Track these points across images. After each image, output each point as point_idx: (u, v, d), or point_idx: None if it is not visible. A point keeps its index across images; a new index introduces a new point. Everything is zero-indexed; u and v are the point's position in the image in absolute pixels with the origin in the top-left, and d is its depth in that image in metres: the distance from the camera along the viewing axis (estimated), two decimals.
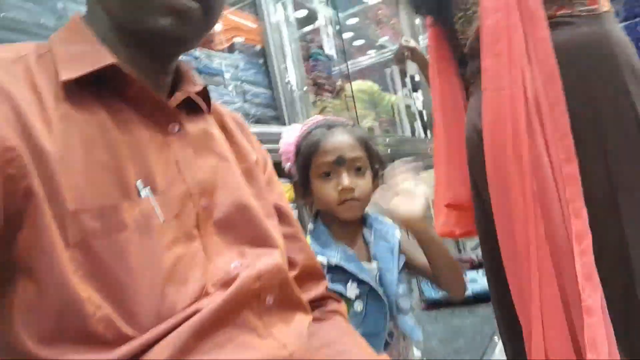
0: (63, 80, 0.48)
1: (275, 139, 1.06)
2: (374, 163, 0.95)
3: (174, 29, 0.53)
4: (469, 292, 1.80)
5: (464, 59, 1.10)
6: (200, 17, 0.55)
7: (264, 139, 1.25)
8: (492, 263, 0.99)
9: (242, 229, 0.59)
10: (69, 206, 0.44)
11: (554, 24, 0.89)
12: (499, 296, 1.00)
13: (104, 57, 0.51)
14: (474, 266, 2.38)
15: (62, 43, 0.53)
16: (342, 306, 0.75)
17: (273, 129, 1.33)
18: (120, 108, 0.52)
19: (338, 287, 0.87)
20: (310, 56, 1.79)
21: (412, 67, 3.01)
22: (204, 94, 0.65)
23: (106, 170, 0.48)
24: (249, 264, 0.56)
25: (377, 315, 0.87)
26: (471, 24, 1.04)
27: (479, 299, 1.93)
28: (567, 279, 0.78)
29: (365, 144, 0.94)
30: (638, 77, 0.87)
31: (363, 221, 0.97)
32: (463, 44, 1.09)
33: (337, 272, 0.88)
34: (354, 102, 2.08)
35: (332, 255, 0.88)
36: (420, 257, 0.93)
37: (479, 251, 2.42)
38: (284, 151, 1.00)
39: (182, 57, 0.64)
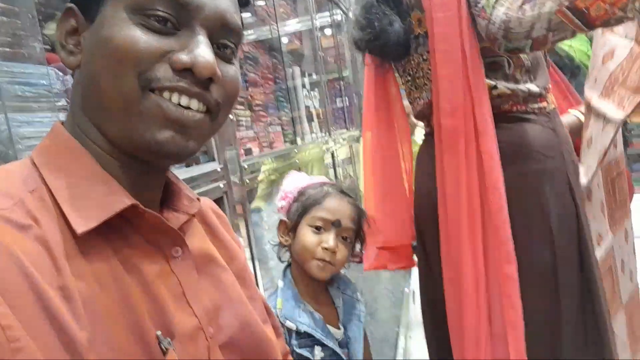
0: (80, 233, 0.46)
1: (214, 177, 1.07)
2: (357, 238, 1.04)
3: (176, 143, 0.50)
4: None
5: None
6: (207, 125, 0.53)
7: (205, 180, 1.24)
8: (431, 306, 1.15)
9: (246, 347, 0.62)
10: None
11: (510, 117, 1.02)
12: (435, 327, 1.16)
13: (119, 197, 0.49)
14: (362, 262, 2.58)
15: (58, 173, 0.49)
16: None
17: (207, 167, 1.31)
18: (126, 242, 0.51)
19: (305, 352, 0.95)
20: None
21: (310, 66, 3.07)
22: None
23: (130, 333, 0.47)
24: None
25: None
26: (419, 90, 1.13)
27: None
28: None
29: (360, 222, 1.02)
30: (576, 171, 1.06)
31: (330, 281, 1.04)
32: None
33: (305, 337, 0.97)
34: None
35: (301, 322, 0.96)
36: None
37: None
38: (286, 192, 1.05)
39: None
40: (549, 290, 1.01)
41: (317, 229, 0.97)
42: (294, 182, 1.06)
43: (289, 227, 1.01)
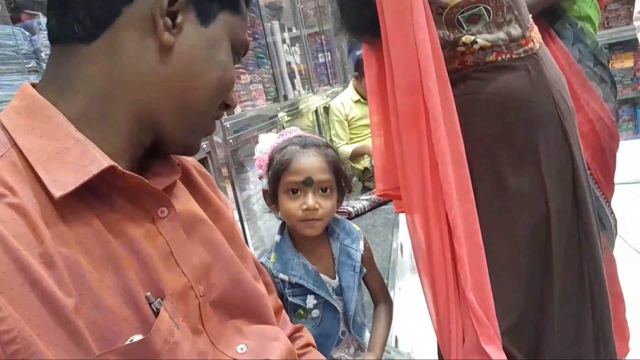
0: (57, 197, 0.44)
1: None
2: (341, 184, 1.02)
3: (199, 147, 0.62)
4: None
5: None
6: None
7: None
8: None
9: (238, 304, 0.63)
10: (95, 351, 0.43)
11: (496, 68, 1.00)
12: None
13: (95, 158, 0.47)
14: (350, 218, 2.61)
15: (30, 134, 0.47)
16: (309, 334, 0.83)
17: None
18: (109, 206, 0.50)
19: (297, 300, 0.99)
20: None
21: (289, 20, 2.98)
22: None
23: (119, 295, 0.47)
24: (258, 352, 0.60)
25: (331, 321, 1.01)
26: None
27: None
28: None
29: (335, 167, 0.99)
30: (570, 110, 1.05)
31: (329, 231, 1.05)
32: None
33: (297, 287, 0.99)
34: None
35: (293, 274, 0.98)
36: (372, 278, 1.08)
37: (355, 203, 2.66)
38: (259, 159, 1.04)
39: None
40: (543, 241, 1.03)
41: (294, 192, 0.96)
42: (262, 147, 1.04)
43: (271, 195, 1.00)
